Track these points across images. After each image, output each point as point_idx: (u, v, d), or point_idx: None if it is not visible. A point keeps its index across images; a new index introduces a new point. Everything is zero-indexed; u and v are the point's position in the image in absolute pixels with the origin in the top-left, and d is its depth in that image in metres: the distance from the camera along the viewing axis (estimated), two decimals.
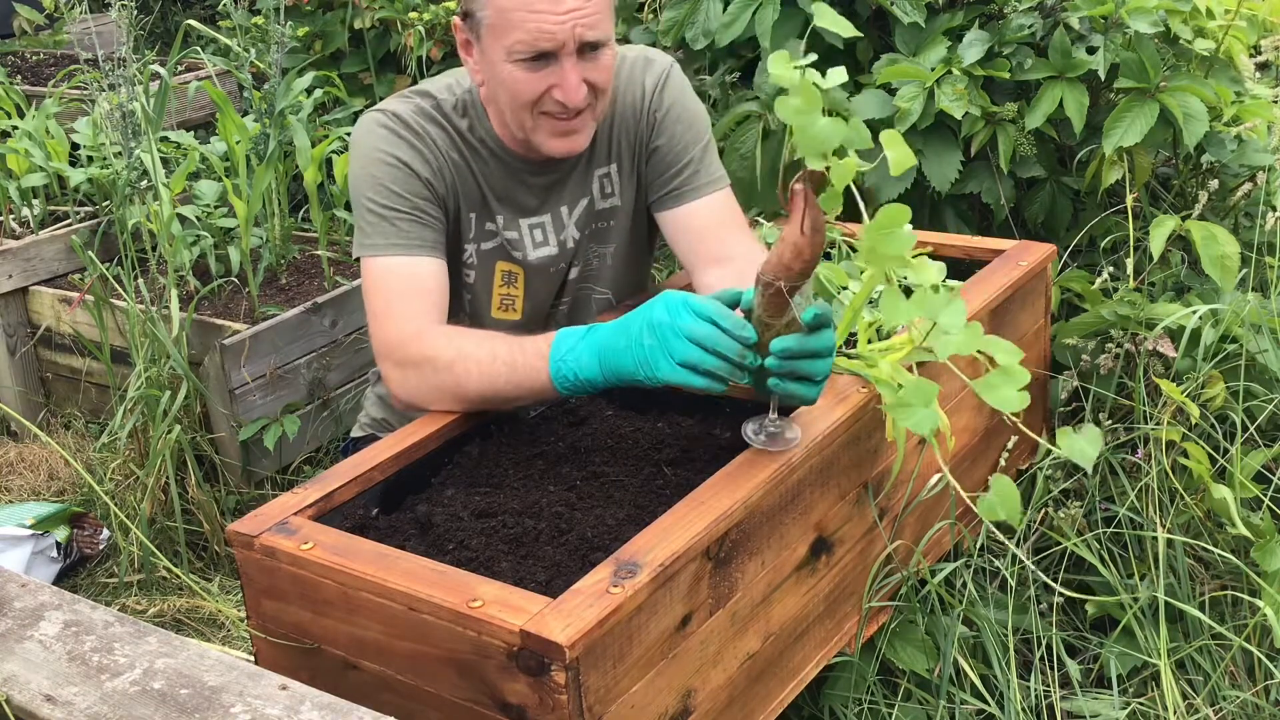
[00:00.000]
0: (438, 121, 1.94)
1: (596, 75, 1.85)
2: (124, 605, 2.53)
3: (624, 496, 1.63)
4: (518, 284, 2.02)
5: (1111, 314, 2.22)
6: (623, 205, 2.06)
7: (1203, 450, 2.02)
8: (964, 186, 2.54)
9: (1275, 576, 1.90)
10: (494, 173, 1.97)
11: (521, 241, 2.01)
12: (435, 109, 1.95)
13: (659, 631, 1.41)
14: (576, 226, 2.03)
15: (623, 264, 2.10)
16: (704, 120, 2.05)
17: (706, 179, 2.01)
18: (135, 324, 2.73)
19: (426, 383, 1.77)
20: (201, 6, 5.80)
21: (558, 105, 1.84)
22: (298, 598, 1.51)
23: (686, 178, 2.01)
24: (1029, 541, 2.06)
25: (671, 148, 2.01)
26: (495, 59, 1.83)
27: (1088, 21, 2.44)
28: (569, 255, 2.04)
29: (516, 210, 2.00)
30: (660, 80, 2.02)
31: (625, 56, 2.04)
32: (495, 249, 2.01)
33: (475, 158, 1.96)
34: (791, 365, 1.53)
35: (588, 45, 1.82)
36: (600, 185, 2.04)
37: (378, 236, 1.88)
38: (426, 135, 1.92)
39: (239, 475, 2.83)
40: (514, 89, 1.84)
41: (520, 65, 1.81)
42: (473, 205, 1.97)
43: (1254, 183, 2.45)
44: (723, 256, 1.95)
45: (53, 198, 3.48)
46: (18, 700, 1.22)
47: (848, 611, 1.79)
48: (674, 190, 2.01)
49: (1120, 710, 1.88)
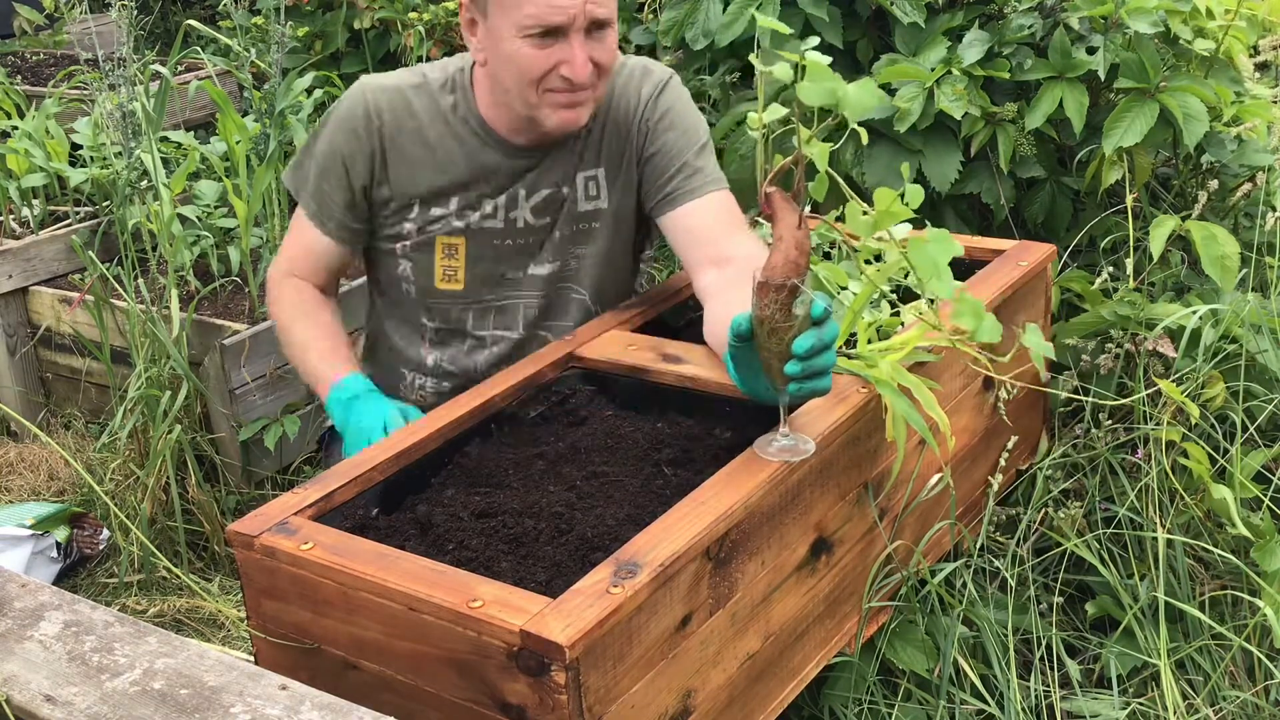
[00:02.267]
0: (411, 108, 2.00)
1: (602, 54, 1.88)
2: (124, 605, 2.53)
3: (624, 496, 1.63)
4: (458, 255, 2.05)
5: (1111, 314, 2.22)
6: (607, 209, 2.06)
7: (1203, 450, 2.02)
8: (964, 186, 2.54)
9: (1275, 576, 1.90)
10: (467, 152, 2.00)
11: (469, 214, 2.03)
12: (421, 85, 2.02)
13: (659, 632, 1.41)
14: (533, 213, 2.04)
15: (603, 267, 2.09)
16: (700, 127, 2.05)
17: (702, 181, 2.01)
18: (135, 324, 2.73)
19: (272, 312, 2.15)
20: (201, 6, 5.80)
21: (564, 82, 1.86)
22: (298, 598, 1.51)
23: (681, 180, 2.00)
24: (1029, 541, 2.06)
25: (666, 153, 2.01)
26: (503, 35, 1.85)
27: (1088, 22, 2.44)
28: (521, 234, 2.04)
29: (478, 190, 2.02)
30: (657, 89, 2.03)
31: (625, 63, 2.05)
32: (441, 228, 2.04)
33: (450, 135, 2.00)
34: (811, 363, 1.52)
35: (596, 23, 1.85)
36: (585, 187, 2.05)
37: (307, 198, 2.07)
38: (375, 127, 1.99)
39: (239, 475, 2.83)
40: (521, 65, 1.86)
41: (529, 41, 1.83)
42: (423, 189, 2.02)
43: (1254, 183, 2.45)
44: (721, 258, 1.94)
45: (53, 198, 3.48)
46: (18, 700, 1.22)
47: (848, 612, 1.79)
48: (670, 194, 2.01)
49: (1120, 710, 1.88)
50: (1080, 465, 2.17)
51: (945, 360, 1.87)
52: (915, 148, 2.49)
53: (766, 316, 1.51)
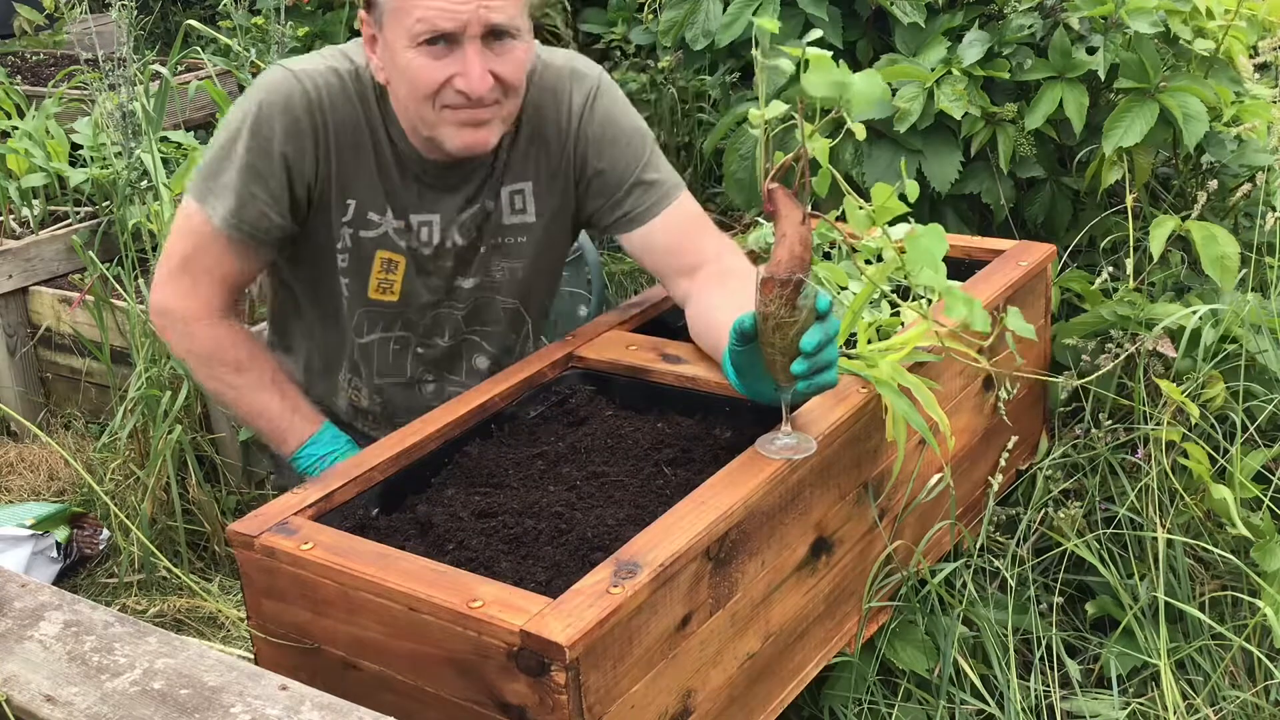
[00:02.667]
0: (349, 95, 1.86)
1: (504, 68, 1.76)
2: (124, 605, 2.53)
3: (624, 496, 1.63)
4: (397, 271, 1.95)
5: (1111, 314, 2.22)
6: (537, 222, 1.98)
7: (1203, 450, 2.02)
8: (964, 187, 2.54)
9: (1275, 576, 1.90)
10: (393, 166, 1.90)
11: (408, 233, 1.93)
12: (353, 78, 1.86)
13: (659, 632, 1.41)
14: (460, 232, 1.95)
15: (533, 277, 2.03)
16: (642, 131, 1.96)
17: (660, 194, 1.93)
18: (135, 324, 2.73)
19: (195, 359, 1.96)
20: (201, 6, 5.80)
21: (460, 97, 1.75)
22: (298, 598, 1.51)
23: (638, 198, 1.93)
24: (1029, 541, 2.06)
25: (615, 171, 1.92)
26: (397, 47, 1.75)
27: (1088, 22, 2.44)
28: (450, 255, 1.97)
29: (409, 205, 1.92)
30: (589, 97, 1.92)
31: (550, 64, 1.94)
32: (379, 237, 1.93)
33: (377, 144, 1.88)
34: (817, 358, 1.51)
35: (493, 32, 1.73)
36: (510, 201, 1.96)
37: (227, 208, 1.85)
38: (320, 120, 1.83)
39: (239, 475, 2.83)
40: (414, 78, 1.75)
41: (421, 51, 1.73)
42: (356, 191, 1.89)
43: (1254, 183, 2.45)
44: (693, 265, 1.91)
45: (53, 198, 3.48)
46: (18, 700, 1.22)
47: (848, 612, 1.79)
48: (628, 214, 1.94)
49: (1120, 710, 1.88)
50: (1080, 465, 2.17)
51: (945, 360, 1.87)
52: (915, 148, 2.49)
53: (771, 312, 1.50)
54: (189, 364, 1.99)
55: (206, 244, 1.89)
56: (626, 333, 2.00)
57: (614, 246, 3.79)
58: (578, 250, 3.21)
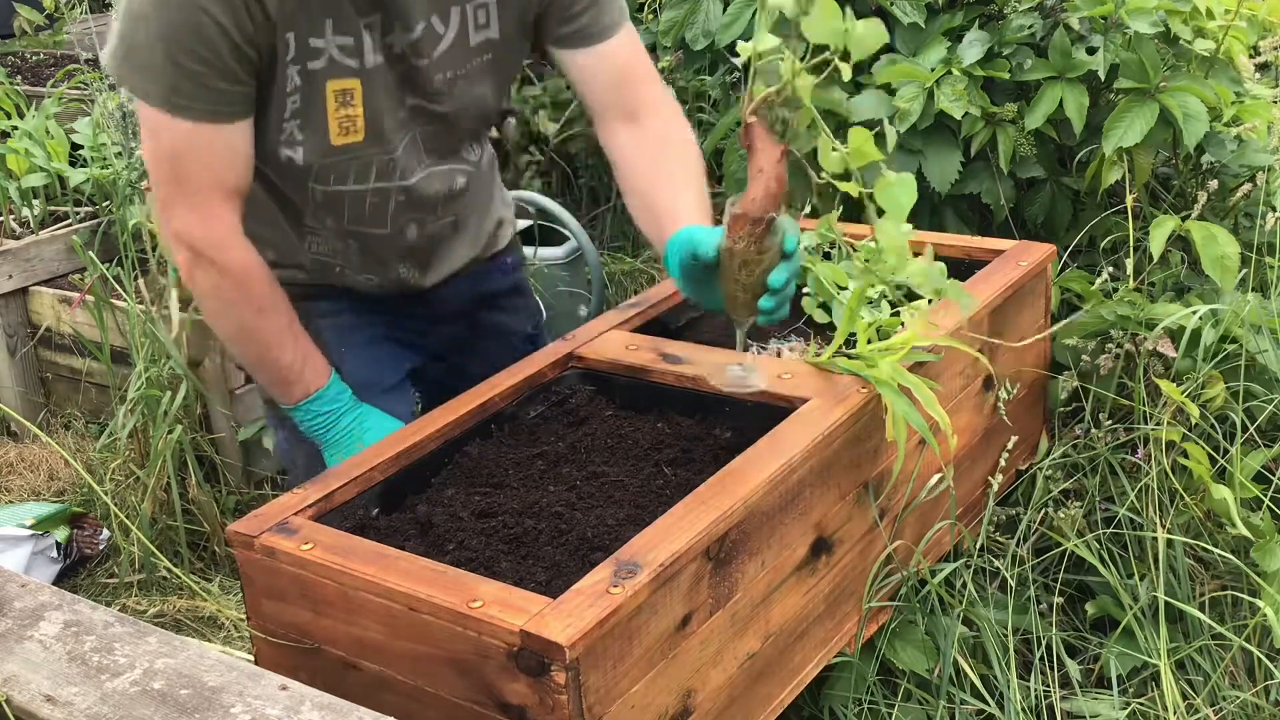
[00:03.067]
0: None
1: None
2: (124, 605, 2.53)
3: (624, 496, 1.63)
4: (355, 101, 1.76)
5: (1111, 314, 2.22)
6: (499, 39, 1.85)
7: (1203, 450, 2.02)
8: (964, 187, 2.54)
9: (1275, 576, 1.90)
10: None
11: (356, 48, 1.73)
12: None
13: (659, 632, 1.41)
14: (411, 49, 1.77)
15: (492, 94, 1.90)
16: None
17: (614, 18, 1.87)
18: (135, 324, 2.73)
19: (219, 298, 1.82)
20: None
21: None
22: (298, 598, 1.51)
23: (593, 16, 1.85)
24: (1029, 541, 2.06)
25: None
26: None
27: (1088, 22, 2.44)
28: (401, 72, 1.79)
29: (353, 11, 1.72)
30: None
31: None
32: (324, 68, 1.73)
33: None
34: (784, 293, 1.56)
35: None
36: (475, 16, 1.81)
37: (183, 98, 1.65)
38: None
39: (239, 475, 2.83)
40: None
41: None
42: (295, 22, 1.68)
43: (1254, 183, 2.45)
44: (634, 109, 1.88)
45: (53, 198, 3.48)
46: (18, 700, 1.22)
47: (848, 612, 1.79)
48: (579, 30, 1.86)
49: (1120, 710, 1.88)
50: (1080, 465, 2.17)
51: (945, 360, 1.87)
52: (915, 148, 2.49)
53: (739, 249, 1.50)
54: (207, 303, 1.84)
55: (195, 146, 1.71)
56: (626, 333, 2.00)
57: (614, 246, 3.78)
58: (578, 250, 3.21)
